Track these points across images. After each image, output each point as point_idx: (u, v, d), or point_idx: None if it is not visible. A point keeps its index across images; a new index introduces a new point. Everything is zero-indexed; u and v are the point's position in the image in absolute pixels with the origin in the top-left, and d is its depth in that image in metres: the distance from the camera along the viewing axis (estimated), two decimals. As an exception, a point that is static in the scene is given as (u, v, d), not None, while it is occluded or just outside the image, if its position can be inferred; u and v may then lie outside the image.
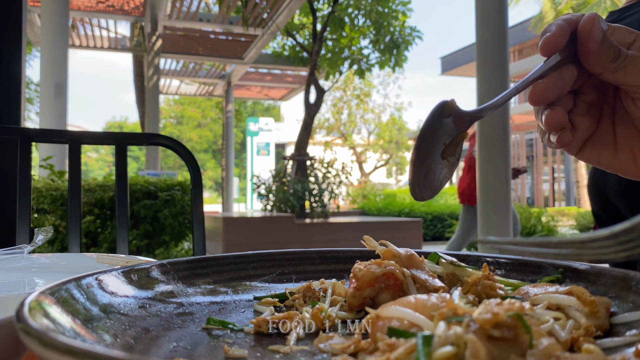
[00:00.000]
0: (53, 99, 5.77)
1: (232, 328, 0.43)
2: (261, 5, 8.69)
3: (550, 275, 0.50)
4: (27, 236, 1.17)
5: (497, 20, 4.83)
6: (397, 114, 21.88)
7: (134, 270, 0.47)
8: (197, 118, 29.61)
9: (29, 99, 15.17)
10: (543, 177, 20.57)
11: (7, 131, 1.24)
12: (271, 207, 8.24)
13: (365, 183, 19.08)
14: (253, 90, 16.44)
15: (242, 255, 0.57)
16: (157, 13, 9.32)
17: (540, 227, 7.35)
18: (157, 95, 10.08)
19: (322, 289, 0.50)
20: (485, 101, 3.71)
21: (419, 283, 0.46)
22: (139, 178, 4.80)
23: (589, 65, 0.54)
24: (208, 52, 11.53)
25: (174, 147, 1.34)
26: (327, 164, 8.55)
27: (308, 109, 8.62)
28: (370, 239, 0.52)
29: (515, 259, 0.54)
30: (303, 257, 0.59)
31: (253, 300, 0.51)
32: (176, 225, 4.63)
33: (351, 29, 10.16)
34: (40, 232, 0.80)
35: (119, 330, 0.38)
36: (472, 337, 0.27)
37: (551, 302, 0.40)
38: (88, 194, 4.30)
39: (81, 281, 0.41)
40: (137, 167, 30.59)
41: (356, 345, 0.36)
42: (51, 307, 0.34)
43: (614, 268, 0.46)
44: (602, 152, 0.59)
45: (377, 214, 12.11)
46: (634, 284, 0.43)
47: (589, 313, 0.39)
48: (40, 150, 5.58)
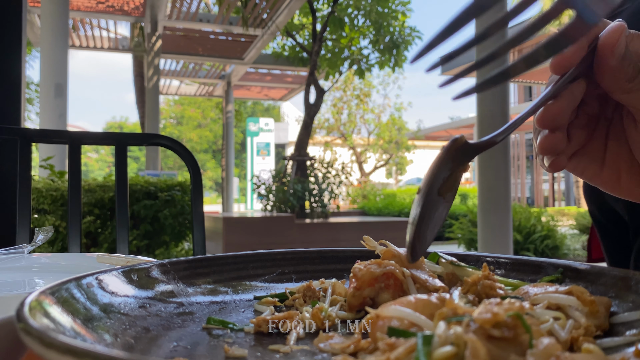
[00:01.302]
0: (53, 99, 5.77)
1: (232, 328, 0.43)
2: (261, 5, 8.70)
3: (550, 275, 0.50)
4: (27, 236, 1.17)
5: (497, 20, 4.83)
6: (397, 114, 21.87)
7: (134, 270, 0.47)
8: (197, 118, 29.61)
9: (29, 100, 15.17)
10: (543, 177, 20.57)
11: (7, 131, 1.24)
12: (271, 207, 8.24)
13: (365, 183, 19.09)
14: (253, 90, 16.44)
15: (242, 255, 0.57)
16: (157, 13, 9.33)
17: (540, 226, 7.34)
18: (157, 95, 10.08)
19: (322, 288, 0.50)
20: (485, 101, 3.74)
21: (419, 283, 0.46)
22: (139, 178, 4.80)
23: (602, 81, 0.49)
24: (208, 53, 11.53)
25: (174, 148, 1.34)
26: (327, 164, 8.55)
27: (308, 109, 8.62)
28: (369, 239, 0.52)
29: (515, 259, 0.54)
30: (303, 256, 0.59)
31: (253, 300, 0.51)
32: (176, 225, 4.63)
33: (351, 29, 10.16)
34: (40, 232, 0.80)
35: (119, 329, 0.38)
36: (471, 336, 0.27)
37: (551, 301, 0.40)
38: (88, 194, 4.30)
39: (81, 281, 0.41)
40: (137, 168, 30.58)
41: (356, 345, 0.36)
42: (51, 307, 0.34)
43: (614, 268, 0.46)
44: (588, 166, 0.55)
45: (377, 214, 12.11)
46: (634, 284, 0.43)
47: (588, 313, 0.39)
48: (40, 151, 5.58)
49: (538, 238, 7.24)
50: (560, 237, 7.47)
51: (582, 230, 9.19)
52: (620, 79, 0.47)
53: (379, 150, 21.80)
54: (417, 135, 22.45)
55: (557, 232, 7.51)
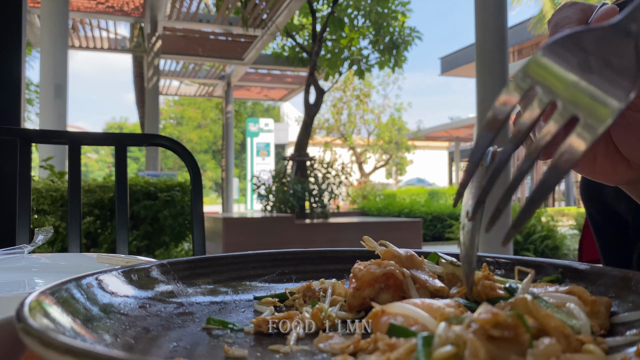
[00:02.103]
0: (53, 99, 5.77)
1: (232, 328, 0.43)
2: (261, 6, 8.70)
3: (550, 275, 0.50)
4: (27, 236, 1.17)
5: (496, 20, 4.84)
6: (396, 114, 21.87)
7: (134, 270, 0.47)
8: (197, 119, 29.60)
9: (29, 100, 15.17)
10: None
11: (7, 132, 1.24)
12: (271, 208, 8.24)
13: (365, 183, 19.08)
14: (253, 90, 16.44)
15: (242, 255, 0.57)
16: (156, 14, 9.33)
17: (540, 227, 7.34)
18: (157, 96, 10.08)
19: (322, 289, 0.50)
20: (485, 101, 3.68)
21: (419, 283, 0.46)
22: (139, 179, 4.80)
23: None
24: (208, 53, 11.53)
25: (174, 148, 1.34)
26: (327, 165, 8.55)
27: (308, 109, 8.62)
28: (369, 239, 0.52)
29: (516, 259, 0.54)
30: (303, 257, 0.59)
31: (253, 300, 0.51)
32: (176, 226, 4.63)
33: (351, 30, 10.16)
34: (40, 232, 0.80)
35: (119, 330, 0.38)
36: (471, 336, 0.27)
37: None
38: (88, 195, 4.30)
39: (81, 281, 0.41)
40: (137, 168, 30.56)
41: (355, 345, 0.36)
42: (51, 307, 0.34)
43: (614, 268, 0.46)
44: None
45: (377, 214, 12.11)
46: (634, 284, 0.43)
47: (590, 313, 0.39)
48: (40, 151, 5.58)
49: (538, 238, 7.24)
50: (560, 237, 7.47)
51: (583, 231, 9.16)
52: None
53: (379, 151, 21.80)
54: (417, 135, 22.44)
55: (557, 233, 7.51)
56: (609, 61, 0.27)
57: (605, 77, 0.27)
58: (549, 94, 0.27)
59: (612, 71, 0.27)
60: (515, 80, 0.29)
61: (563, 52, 0.28)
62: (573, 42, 0.28)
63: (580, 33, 0.28)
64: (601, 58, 0.27)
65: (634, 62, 0.27)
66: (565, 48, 0.28)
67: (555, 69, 0.27)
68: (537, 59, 0.28)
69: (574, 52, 0.27)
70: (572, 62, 0.27)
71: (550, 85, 0.27)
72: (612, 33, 0.28)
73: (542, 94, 0.28)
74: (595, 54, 0.27)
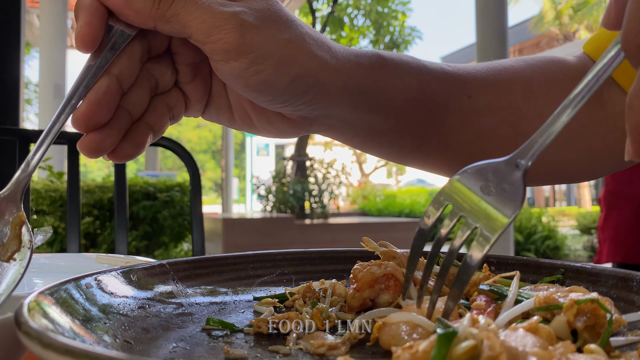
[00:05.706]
0: (52, 99, 5.77)
1: (232, 328, 0.43)
2: (260, 6, 8.69)
3: (551, 275, 0.50)
4: (26, 237, 1.17)
5: (497, 20, 4.84)
6: (396, 114, 21.85)
7: (133, 270, 0.47)
8: (196, 119, 29.57)
9: (28, 100, 15.18)
10: (543, 177, 20.54)
11: (5, 132, 1.24)
12: (271, 208, 8.24)
13: (365, 184, 19.08)
14: (252, 91, 16.42)
15: (242, 256, 0.57)
16: (156, 14, 9.32)
17: (540, 227, 7.35)
18: (157, 96, 10.06)
19: (322, 289, 0.50)
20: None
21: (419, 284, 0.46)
22: (138, 179, 4.80)
23: (128, 19, 0.44)
24: (207, 53, 11.52)
25: (173, 148, 1.34)
26: (327, 165, 8.55)
27: (307, 109, 8.60)
28: (369, 240, 0.52)
29: (516, 259, 0.54)
30: (303, 257, 0.59)
31: (253, 301, 0.51)
32: (175, 226, 4.63)
33: (351, 29, 10.17)
34: (39, 233, 0.80)
35: (119, 330, 0.38)
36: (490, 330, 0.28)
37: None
38: (87, 195, 4.30)
39: (80, 281, 0.41)
40: (136, 168, 30.53)
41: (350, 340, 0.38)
42: (50, 308, 0.34)
43: (614, 268, 0.46)
44: (219, 114, 0.53)
45: (377, 214, 12.10)
46: (634, 284, 0.43)
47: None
48: (39, 151, 5.57)
49: (539, 238, 7.25)
50: (561, 237, 7.47)
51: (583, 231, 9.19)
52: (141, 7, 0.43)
53: (379, 151, 21.76)
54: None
55: (558, 233, 7.52)
56: (503, 187, 0.36)
57: (499, 198, 0.36)
58: (459, 209, 0.38)
59: (505, 194, 0.36)
60: (437, 197, 0.38)
61: (471, 179, 0.37)
62: (478, 171, 0.37)
63: (485, 165, 0.37)
64: (498, 184, 0.36)
65: (520, 188, 0.36)
66: (473, 176, 0.37)
67: (465, 190, 0.37)
68: (452, 182, 0.38)
69: (479, 179, 0.37)
70: (477, 186, 0.37)
71: (461, 202, 0.37)
72: (505, 165, 0.37)
73: (454, 208, 0.38)
74: (494, 181, 0.37)
